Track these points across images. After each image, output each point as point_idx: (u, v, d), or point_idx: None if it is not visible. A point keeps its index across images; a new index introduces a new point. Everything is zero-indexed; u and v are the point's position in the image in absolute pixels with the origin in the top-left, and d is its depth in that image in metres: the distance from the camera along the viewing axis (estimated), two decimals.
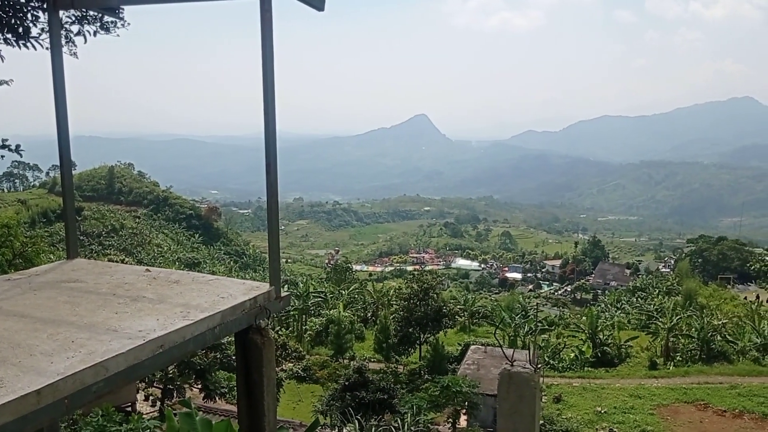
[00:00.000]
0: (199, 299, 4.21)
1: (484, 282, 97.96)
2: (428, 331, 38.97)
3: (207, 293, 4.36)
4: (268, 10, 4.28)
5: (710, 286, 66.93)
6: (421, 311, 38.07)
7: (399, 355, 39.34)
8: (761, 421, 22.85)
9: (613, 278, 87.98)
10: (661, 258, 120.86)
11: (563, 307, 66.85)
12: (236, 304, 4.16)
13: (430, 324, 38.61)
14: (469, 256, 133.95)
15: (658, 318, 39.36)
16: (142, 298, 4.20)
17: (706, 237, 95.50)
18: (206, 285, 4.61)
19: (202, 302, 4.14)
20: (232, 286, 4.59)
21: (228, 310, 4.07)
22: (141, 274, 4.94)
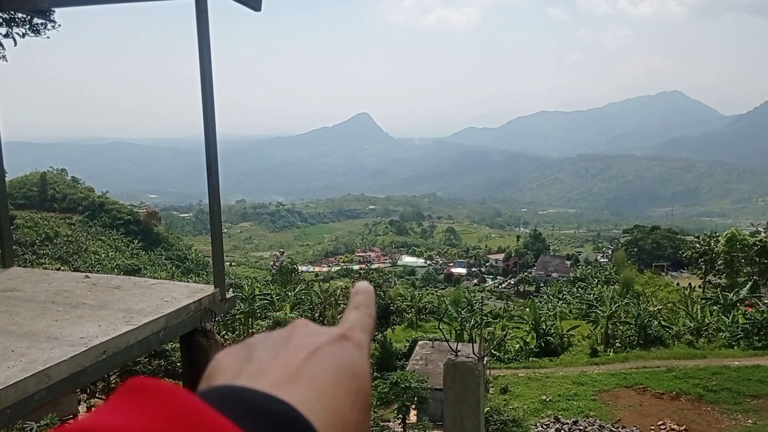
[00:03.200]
0: (142, 304, 4.16)
1: (430, 278, 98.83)
2: (376, 329, 39.08)
3: (150, 297, 4.32)
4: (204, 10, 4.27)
5: (646, 274, 69.45)
6: None
7: None
8: (697, 401, 23.84)
9: (555, 270, 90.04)
10: (599, 249, 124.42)
11: (507, 300, 68.09)
12: (180, 307, 4.13)
13: (377, 321, 38.70)
14: (414, 253, 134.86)
15: (597, 307, 40.57)
16: (83, 305, 4.12)
17: (641, 227, 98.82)
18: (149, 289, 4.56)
19: (145, 307, 4.09)
20: (176, 289, 4.55)
21: (172, 314, 4.04)
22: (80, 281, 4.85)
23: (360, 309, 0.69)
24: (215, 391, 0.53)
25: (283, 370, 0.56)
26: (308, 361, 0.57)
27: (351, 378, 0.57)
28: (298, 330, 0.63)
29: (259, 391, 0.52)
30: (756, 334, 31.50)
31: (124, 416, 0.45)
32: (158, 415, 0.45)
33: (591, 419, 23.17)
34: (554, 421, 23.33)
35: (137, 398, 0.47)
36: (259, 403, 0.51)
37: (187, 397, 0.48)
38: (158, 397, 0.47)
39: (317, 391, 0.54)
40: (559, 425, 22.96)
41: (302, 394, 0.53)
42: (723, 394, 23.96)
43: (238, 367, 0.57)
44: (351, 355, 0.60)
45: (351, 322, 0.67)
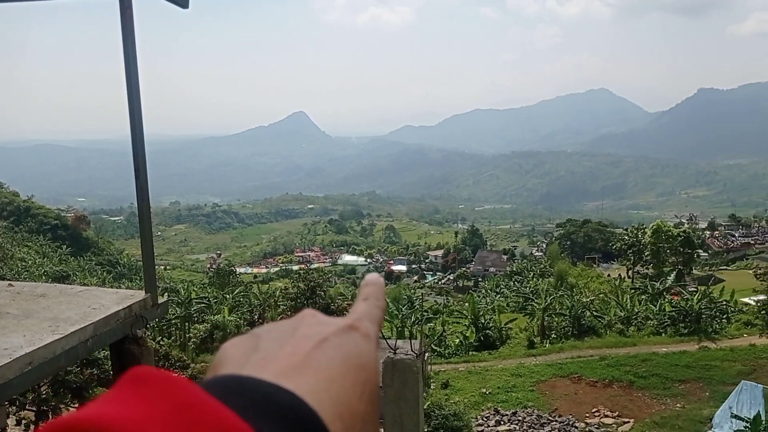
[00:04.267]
0: (69, 312, 4.01)
1: None
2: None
3: (77, 305, 4.16)
4: (129, 7, 4.14)
5: (578, 266, 71.63)
6: None
7: None
8: (628, 388, 24.77)
9: (492, 264, 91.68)
10: (534, 243, 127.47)
11: (447, 296, 68.97)
12: (109, 314, 4.00)
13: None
14: (355, 252, 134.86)
15: (533, 299, 41.55)
16: (6, 315, 3.94)
17: (573, 221, 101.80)
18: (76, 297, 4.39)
19: (72, 315, 3.95)
20: (105, 296, 4.41)
21: (101, 321, 3.91)
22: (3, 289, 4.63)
23: (369, 300, 0.70)
24: (220, 381, 0.52)
25: (289, 359, 0.55)
26: (315, 351, 0.57)
27: (358, 368, 0.57)
28: (305, 320, 0.63)
29: (264, 381, 0.52)
30: (682, 321, 32.99)
31: (126, 406, 0.45)
32: (160, 405, 0.45)
33: (529, 409, 23.74)
34: (494, 414, 23.79)
35: (139, 388, 0.47)
36: (264, 393, 0.50)
37: (190, 387, 0.48)
38: (160, 387, 0.47)
39: (324, 382, 0.54)
40: (499, 417, 23.44)
41: (309, 384, 0.53)
42: (652, 380, 24.97)
43: (244, 357, 0.57)
44: (358, 345, 0.59)
45: (359, 313, 0.67)
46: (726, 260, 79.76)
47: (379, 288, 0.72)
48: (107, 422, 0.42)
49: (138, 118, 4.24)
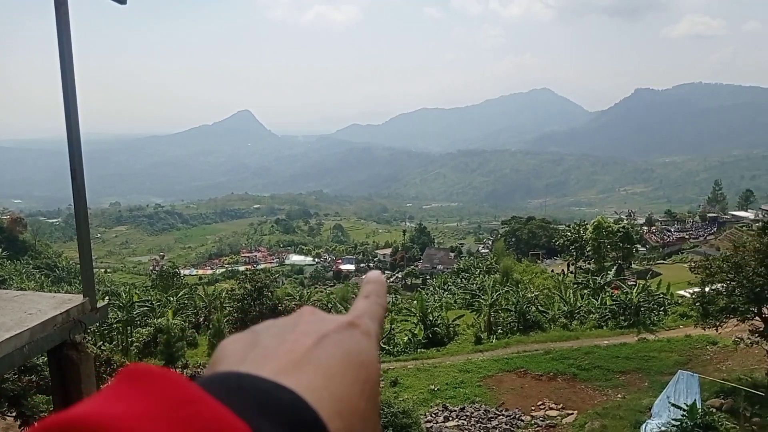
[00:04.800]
0: (4, 318, 3.85)
1: (319, 276, 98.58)
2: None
3: (12, 311, 4.00)
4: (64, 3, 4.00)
5: (523, 262, 73.00)
6: (255, 311, 37.51)
7: None
8: (572, 380, 25.38)
9: (440, 262, 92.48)
10: (481, 240, 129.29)
11: (395, 293, 69.24)
12: (46, 319, 3.86)
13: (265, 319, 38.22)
14: (302, 252, 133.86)
15: (480, 296, 42.13)
16: None
17: (518, 218, 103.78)
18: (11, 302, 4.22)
19: (6, 321, 3.79)
20: (41, 300, 4.25)
21: (37, 327, 3.77)
22: None
23: (370, 298, 0.69)
24: (217, 378, 0.52)
25: (288, 356, 0.54)
26: (315, 347, 0.56)
27: (359, 366, 0.56)
28: (305, 317, 0.62)
29: (263, 378, 0.51)
30: (622, 314, 34.06)
31: (120, 404, 0.44)
32: (155, 403, 0.44)
33: (477, 404, 24.06)
34: (442, 410, 24.02)
35: (134, 385, 0.46)
36: (262, 391, 0.49)
37: (186, 384, 0.47)
38: (156, 385, 0.46)
39: (324, 379, 0.53)
40: (447, 413, 23.67)
41: (309, 381, 0.52)
42: (595, 372, 25.67)
43: (242, 353, 0.56)
44: (359, 343, 0.59)
45: (360, 310, 0.66)
46: (663, 254, 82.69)
47: (381, 286, 0.72)
48: (101, 420, 0.41)
49: (74, 116, 4.10)
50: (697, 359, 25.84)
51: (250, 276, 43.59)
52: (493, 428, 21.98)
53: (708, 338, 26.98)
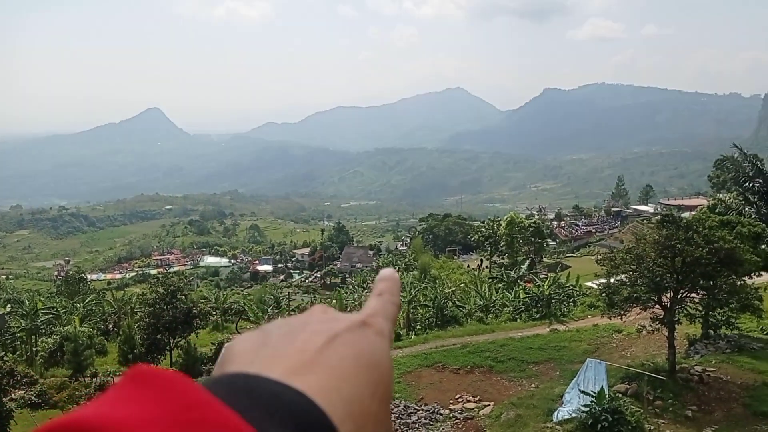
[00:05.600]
0: None
1: (235, 277, 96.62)
2: (178, 335, 37.35)
3: None
4: None
5: (440, 258, 74.25)
6: (169, 315, 36.23)
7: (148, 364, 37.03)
8: (488, 373, 25.96)
9: (359, 260, 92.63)
10: (399, 237, 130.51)
11: (314, 293, 68.87)
12: None
13: (179, 327, 36.97)
14: (217, 253, 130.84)
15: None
16: None
17: (435, 215, 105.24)
18: None
19: None
20: None
21: None
22: None
23: (383, 296, 0.68)
24: (225, 380, 0.51)
25: (299, 356, 0.53)
26: (326, 348, 0.54)
27: (371, 366, 0.55)
28: (316, 315, 0.61)
29: (272, 380, 0.50)
30: (534, 307, 35.21)
31: (124, 407, 0.43)
32: (160, 407, 0.43)
33: (396, 401, 24.19)
34: None
35: (139, 388, 0.45)
36: (271, 393, 0.48)
37: (192, 387, 0.46)
38: (161, 388, 0.45)
39: (335, 380, 0.51)
40: None
41: (319, 383, 0.50)
42: (509, 364, 26.37)
43: (252, 353, 0.55)
44: (372, 342, 0.58)
45: (373, 309, 0.65)
46: (572, 248, 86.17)
47: (394, 284, 0.71)
48: (104, 423, 0.41)
49: None
50: (604, 347, 27.02)
51: (162, 279, 42.09)
52: (413, 423, 22.16)
53: (614, 327, 28.26)
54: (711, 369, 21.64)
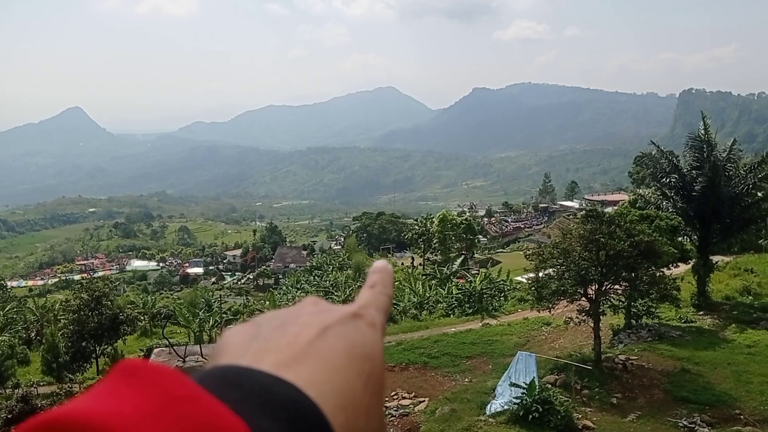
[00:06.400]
0: None
1: (164, 281, 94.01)
2: (105, 342, 36.12)
3: None
4: None
5: (375, 257, 74.41)
6: (94, 322, 34.95)
7: (73, 373, 35.59)
8: (423, 369, 26.18)
9: (292, 260, 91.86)
10: (333, 237, 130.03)
11: (247, 295, 67.79)
12: None
13: (106, 334, 35.77)
14: (145, 256, 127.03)
15: (334, 292, 42.46)
16: None
17: (368, 213, 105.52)
18: None
19: None
20: None
21: None
22: None
23: (375, 288, 0.68)
24: (216, 373, 0.50)
25: (290, 348, 0.53)
26: (318, 339, 0.54)
27: (363, 358, 0.54)
28: (308, 307, 0.61)
29: (263, 372, 0.49)
30: (467, 302, 35.82)
31: (112, 401, 0.42)
32: (149, 400, 0.42)
33: None
34: None
35: (128, 382, 0.44)
36: (262, 386, 0.48)
37: (182, 381, 0.45)
38: (150, 381, 0.44)
39: (327, 372, 0.51)
40: None
41: (310, 375, 0.50)
42: (443, 359, 26.69)
43: (243, 346, 0.54)
44: (364, 334, 0.57)
45: (365, 301, 0.65)
46: (502, 243, 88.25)
47: (387, 275, 0.71)
48: (90, 419, 0.40)
49: None
50: (534, 340, 27.77)
51: (86, 285, 40.58)
52: None
53: (543, 320, 29.10)
54: (634, 357, 22.57)
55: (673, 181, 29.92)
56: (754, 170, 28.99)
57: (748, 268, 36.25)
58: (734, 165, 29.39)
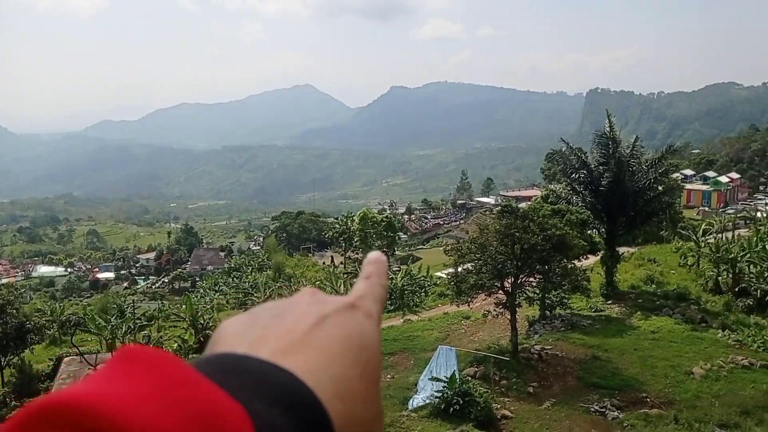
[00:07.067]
0: None
1: (73, 287, 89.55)
2: (10, 352, 34.03)
3: None
4: None
5: (295, 256, 73.76)
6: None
7: None
8: None
9: (209, 262, 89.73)
10: (251, 237, 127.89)
11: (162, 299, 65.58)
12: None
13: (11, 344, 33.70)
14: (52, 262, 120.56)
15: (253, 294, 41.76)
16: None
17: (288, 213, 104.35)
18: None
19: None
20: None
21: None
22: None
23: (371, 278, 0.69)
24: (213, 359, 0.51)
25: (287, 337, 0.54)
26: (315, 329, 0.55)
27: (360, 348, 0.55)
28: (305, 298, 0.62)
29: (260, 360, 0.50)
30: (388, 299, 35.95)
31: (111, 385, 0.43)
32: (148, 384, 0.43)
33: None
34: None
35: (127, 366, 0.45)
36: (259, 372, 0.48)
37: (180, 365, 0.46)
38: (150, 366, 0.45)
39: (324, 361, 0.52)
40: None
41: (308, 363, 0.51)
42: None
43: (241, 334, 0.55)
44: (360, 324, 0.58)
45: (361, 292, 0.66)
46: (422, 240, 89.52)
47: (382, 266, 0.71)
48: (89, 401, 0.41)
49: None
50: (454, 334, 28.30)
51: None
52: None
53: (462, 313, 29.69)
54: (549, 347, 23.43)
55: (582, 177, 31.17)
56: (655, 166, 30.68)
57: (652, 258, 38.35)
58: (637, 161, 30.93)
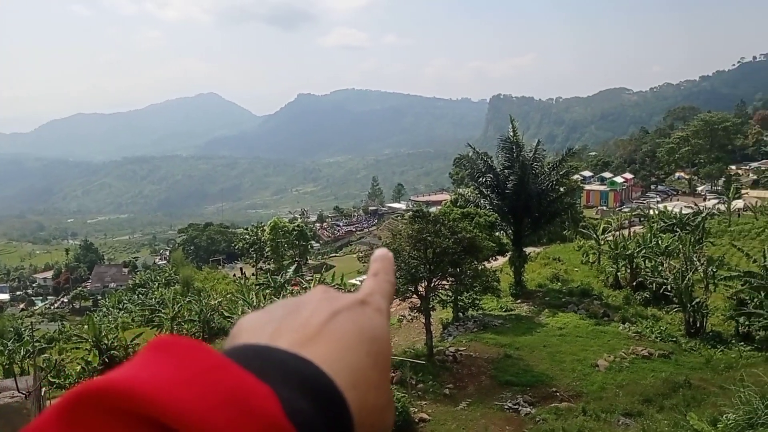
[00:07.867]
0: None
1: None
2: None
3: None
4: None
5: (204, 269, 71.72)
6: None
7: None
8: None
9: (112, 279, 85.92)
10: (157, 251, 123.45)
11: (62, 320, 62.03)
12: None
13: None
14: None
15: (161, 310, 40.21)
16: None
17: (195, 225, 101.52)
18: None
19: None
20: None
21: None
22: None
23: (379, 276, 0.71)
24: (237, 350, 0.54)
25: (304, 330, 0.57)
26: (329, 322, 0.58)
27: (372, 340, 0.58)
28: (317, 295, 0.65)
29: (280, 349, 0.53)
30: None
31: (148, 370, 0.46)
32: (182, 369, 0.46)
33: None
34: None
35: (162, 354, 0.48)
36: (280, 361, 0.51)
37: (212, 352, 0.49)
38: (183, 353, 0.48)
39: (339, 351, 0.55)
40: None
41: (324, 353, 0.53)
42: None
43: (258, 329, 0.58)
44: (371, 319, 0.61)
45: (370, 288, 0.68)
46: (335, 248, 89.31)
47: (388, 263, 0.73)
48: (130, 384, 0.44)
49: None
50: None
51: None
52: None
53: None
54: (462, 348, 23.88)
55: (489, 181, 32.09)
56: (556, 168, 32.07)
57: (556, 257, 40.01)
58: (540, 164, 32.21)
